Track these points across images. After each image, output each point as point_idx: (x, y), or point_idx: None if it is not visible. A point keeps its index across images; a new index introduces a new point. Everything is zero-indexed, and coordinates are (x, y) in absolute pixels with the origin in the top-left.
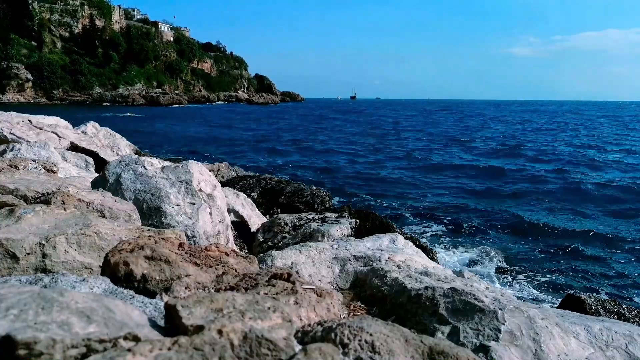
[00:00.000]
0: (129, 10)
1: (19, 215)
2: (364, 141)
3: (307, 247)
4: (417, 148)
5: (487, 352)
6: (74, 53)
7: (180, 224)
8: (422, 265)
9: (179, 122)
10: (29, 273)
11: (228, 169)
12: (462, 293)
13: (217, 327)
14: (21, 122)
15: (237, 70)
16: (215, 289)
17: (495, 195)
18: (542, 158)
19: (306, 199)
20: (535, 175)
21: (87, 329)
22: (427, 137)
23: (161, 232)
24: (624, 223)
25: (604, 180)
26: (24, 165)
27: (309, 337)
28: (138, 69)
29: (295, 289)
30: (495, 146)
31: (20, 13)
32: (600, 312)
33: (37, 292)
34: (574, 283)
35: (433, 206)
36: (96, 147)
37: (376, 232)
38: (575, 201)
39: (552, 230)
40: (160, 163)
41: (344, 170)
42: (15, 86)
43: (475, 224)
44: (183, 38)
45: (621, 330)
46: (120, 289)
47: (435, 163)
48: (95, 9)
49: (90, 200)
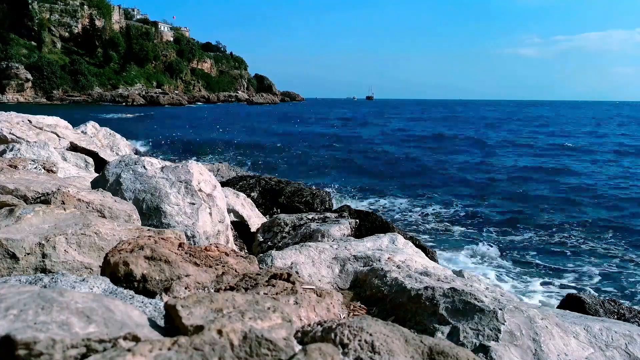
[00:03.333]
0: (128, 10)
1: (18, 215)
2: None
3: (307, 247)
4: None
5: (487, 352)
6: (73, 53)
7: (180, 224)
8: (422, 265)
9: (179, 122)
10: (29, 273)
11: (228, 169)
12: (462, 293)
13: (217, 327)
14: (21, 122)
15: (237, 70)
16: (215, 289)
17: (496, 195)
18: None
19: (306, 199)
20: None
21: (87, 329)
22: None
23: (161, 232)
24: (625, 223)
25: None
26: (24, 165)
27: (309, 337)
28: (138, 69)
29: (295, 289)
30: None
31: (20, 13)
32: (600, 312)
33: (37, 292)
34: (574, 283)
35: (431, 208)
36: (96, 147)
37: (376, 232)
38: (578, 201)
39: (552, 230)
40: (160, 163)
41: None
42: (15, 86)
43: (475, 224)
44: (183, 38)
45: (621, 330)
46: (120, 289)
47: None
48: (95, 9)
49: (90, 200)
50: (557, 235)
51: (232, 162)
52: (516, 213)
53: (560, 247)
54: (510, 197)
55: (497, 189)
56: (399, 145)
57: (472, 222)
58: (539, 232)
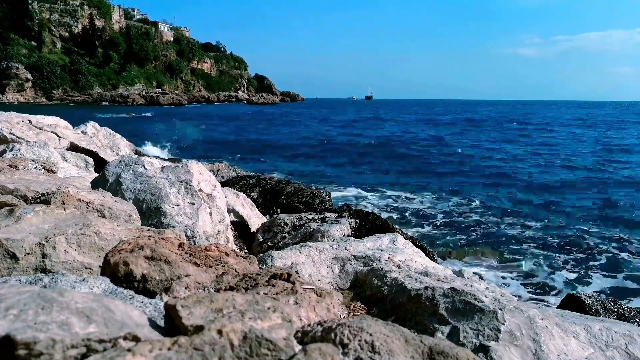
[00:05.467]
0: (128, 10)
1: (18, 215)
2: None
3: (307, 247)
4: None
5: (487, 352)
6: (73, 53)
7: (180, 224)
8: (422, 265)
9: (178, 122)
10: (29, 273)
11: (228, 169)
12: (462, 293)
13: (217, 327)
14: (21, 122)
15: (237, 70)
16: (215, 289)
17: (495, 194)
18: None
19: (306, 199)
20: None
21: (87, 329)
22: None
23: (161, 232)
24: (627, 222)
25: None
26: (24, 165)
27: (309, 337)
28: (138, 69)
29: (295, 289)
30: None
31: (20, 13)
32: (600, 312)
33: (37, 292)
34: (574, 283)
35: (432, 207)
36: (96, 147)
37: (376, 232)
38: (578, 201)
39: (552, 230)
40: (160, 163)
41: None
42: (15, 86)
43: (475, 224)
44: (183, 38)
45: (621, 330)
46: (120, 289)
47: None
48: (95, 9)
49: (90, 200)
50: (557, 236)
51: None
52: (516, 213)
53: (560, 247)
54: (510, 196)
55: (497, 189)
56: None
57: (472, 222)
58: (539, 233)
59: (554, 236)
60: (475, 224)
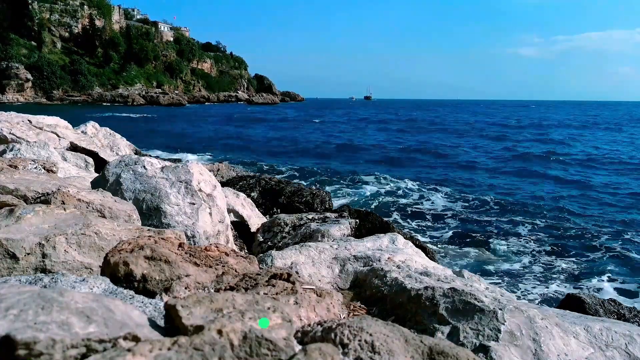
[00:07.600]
0: (128, 10)
1: (18, 215)
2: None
3: (307, 247)
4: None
5: (487, 352)
6: (73, 53)
7: (180, 224)
8: (422, 265)
9: (179, 122)
10: (29, 273)
11: (228, 169)
12: (461, 293)
13: (217, 327)
14: (21, 122)
15: (237, 70)
16: (215, 289)
17: (495, 194)
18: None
19: (306, 199)
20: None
21: (87, 329)
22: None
23: (161, 232)
24: (627, 222)
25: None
26: (24, 165)
27: (309, 337)
28: (138, 69)
29: (295, 289)
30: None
31: (20, 13)
32: (600, 312)
33: (37, 292)
34: (574, 283)
35: (432, 207)
36: (96, 147)
37: (376, 232)
38: (579, 200)
39: (552, 230)
40: (160, 163)
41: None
42: (15, 86)
43: (475, 223)
44: (183, 38)
45: (621, 330)
46: (120, 289)
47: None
48: (95, 9)
49: (90, 200)
50: (557, 236)
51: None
52: (516, 213)
53: (560, 247)
54: (510, 196)
55: (498, 189)
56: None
57: (473, 222)
58: (539, 232)
59: (555, 236)
60: (475, 224)
